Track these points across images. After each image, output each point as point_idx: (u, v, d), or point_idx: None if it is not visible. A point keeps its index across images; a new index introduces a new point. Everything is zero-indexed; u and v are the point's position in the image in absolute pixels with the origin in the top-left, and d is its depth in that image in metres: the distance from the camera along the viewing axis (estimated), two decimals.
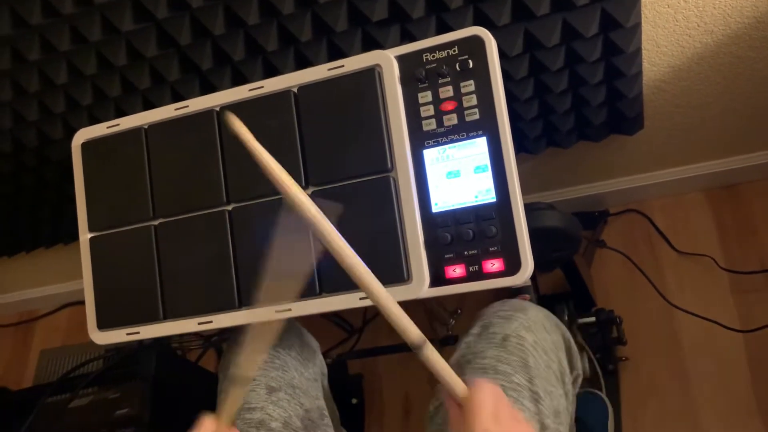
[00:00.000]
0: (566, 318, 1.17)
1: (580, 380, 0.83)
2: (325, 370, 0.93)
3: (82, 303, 1.73)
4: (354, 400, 1.34)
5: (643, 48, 1.00)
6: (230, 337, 0.90)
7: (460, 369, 0.73)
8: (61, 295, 1.75)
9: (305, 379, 0.84)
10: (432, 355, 0.54)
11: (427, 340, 0.54)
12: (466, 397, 0.54)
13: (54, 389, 1.24)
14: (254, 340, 0.61)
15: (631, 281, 1.31)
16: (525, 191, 0.74)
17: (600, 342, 1.19)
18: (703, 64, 1.05)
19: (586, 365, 1.11)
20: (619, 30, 0.92)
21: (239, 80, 1.01)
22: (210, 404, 0.83)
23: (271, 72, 0.99)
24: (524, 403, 0.67)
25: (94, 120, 1.09)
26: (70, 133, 1.10)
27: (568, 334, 0.81)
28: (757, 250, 1.26)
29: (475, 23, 0.91)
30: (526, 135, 1.13)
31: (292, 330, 0.89)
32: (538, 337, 0.73)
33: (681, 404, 1.17)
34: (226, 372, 0.84)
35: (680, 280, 1.28)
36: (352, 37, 0.94)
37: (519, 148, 1.16)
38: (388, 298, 0.54)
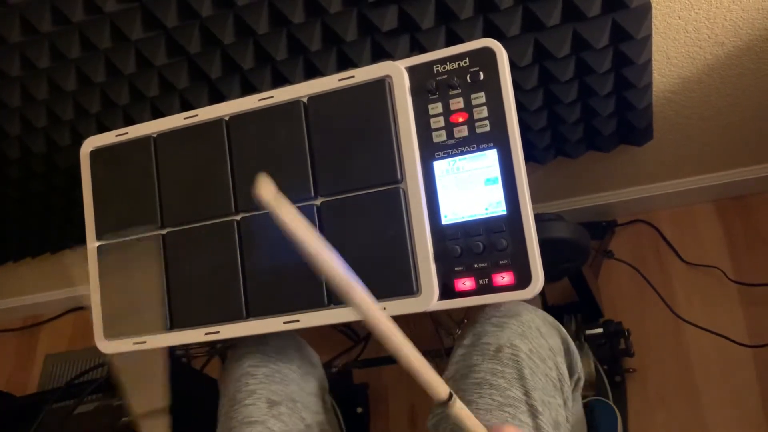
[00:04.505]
0: (573, 329, 1.17)
1: (581, 383, 0.80)
2: (326, 384, 0.91)
3: (87, 308, 1.74)
4: (359, 410, 1.33)
5: (653, 59, 1.00)
6: (235, 344, 0.89)
7: (455, 384, 0.71)
8: (67, 300, 1.75)
9: (306, 394, 0.83)
10: (461, 412, 0.54)
11: (455, 395, 0.53)
12: None
13: (59, 395, 1.23)
14: (134, 381, 0.57)
15: (638, 292, 1.30)
16: (532, 201, 0.73)
17: (608, 353, 1.18)
18: (713, 76, 1.05)
19: (592, 368, 1.10)
20: (629, 41, 0.91)
21: (248, 89, 1.01)
22: (215, 411, 0.83)
23: (280, 81, 0.99)
24: (521, 418, 0.65)
25: (102, 127, 1.09)
26: (78, 139, 1.10)
27: (567, 336, 0.78)
28: (766, 262, 1.25)
29: (485, 34, 0.91)
30: (535, 145, 1.12)
31: (291, 343, 0.88)
32: (534, 344, 0.71)
33: (689, 417, 1.16)
34: (226, 381, 0.83)
35: (688, 291, 1.28)
36: (362, 46, 0.94)
37: (527, 157, 1.15)
38: (415, 355, 0.51)
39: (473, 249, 0.71)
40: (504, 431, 0.54)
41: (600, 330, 1.18)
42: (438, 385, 0.52)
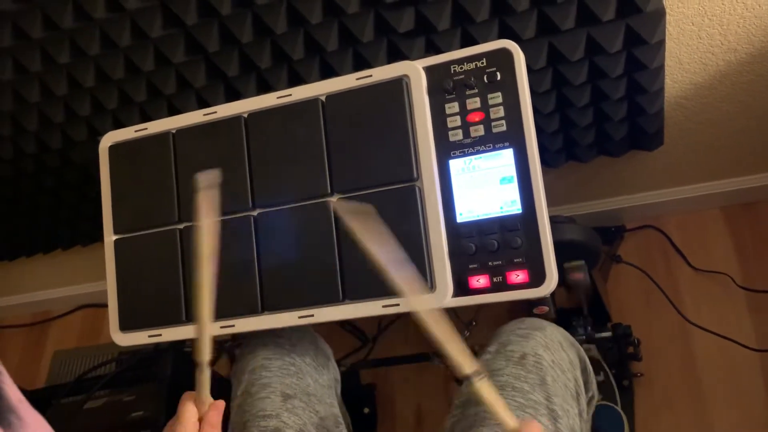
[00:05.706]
0: (582, 332, 1.17)
1: (594, 402, 0.83)
2: (338, 377, 0.93)
3: (96, 305, 1.75)
4: (366, 410, 1.33)
5: (666, 64, 1.00)
6: (243, 342, 0.90)
7: None
8: (76, 297, 1.76)
9: (320, 386, 0.84)
10: (484, 386, 0.56)
11: (481, 371, 0.56)
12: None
13: (68, 390, 1.24)
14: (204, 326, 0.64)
15: (646, 297, 1.31)
16: None
17: (616, 357, 1.18)
18: (725, 82, 1.06)
19: (600, 380, 1.11)
20: (643, 46, 0.92)
21: (264, 88, 1.02)
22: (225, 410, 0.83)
23: (296, 80, 1.00)
24: (542, 421, 0.67)
25: (119, 123, 1.10)
26: (94, 135, 1.11)
27: (584, 355, 0.82)
28: None
29: (500, 36, 0.92)
30: (547, 148, 1.13)
31: (306, 336, 0.89)
32: (556, 356, 0.74)
33: (695, 422, 1.16)
34: (240, 372, 0.84)
35: (697, 297, 1.28)
36: (378, 47, 0.95)
37: None
38: (446, 329, 0.56)
39: (488, 247, 0.72)
40: (531, 427, 0.55)
41: (609, 333, 1.18)
42: (468, 360, 0.55)
